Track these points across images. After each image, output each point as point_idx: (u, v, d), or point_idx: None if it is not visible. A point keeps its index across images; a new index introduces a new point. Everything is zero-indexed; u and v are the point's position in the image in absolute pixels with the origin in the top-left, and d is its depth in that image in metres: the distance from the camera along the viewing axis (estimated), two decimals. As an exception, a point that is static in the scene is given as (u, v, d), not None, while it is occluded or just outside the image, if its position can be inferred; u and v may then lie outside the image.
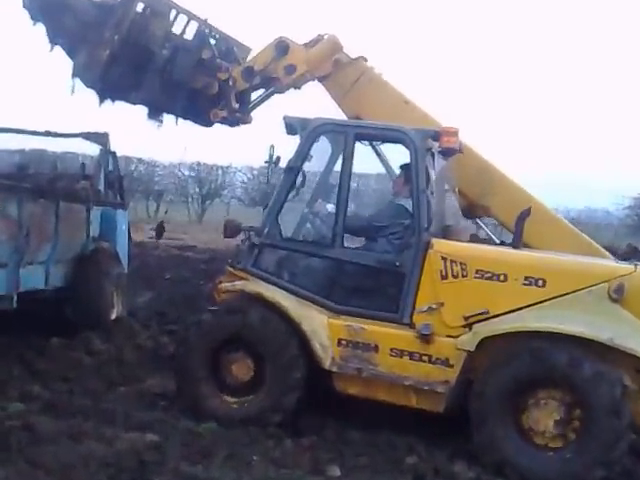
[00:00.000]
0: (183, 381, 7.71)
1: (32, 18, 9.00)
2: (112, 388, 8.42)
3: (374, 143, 8.62)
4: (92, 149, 12.64)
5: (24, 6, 8.97)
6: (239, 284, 7.78)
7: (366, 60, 9.26)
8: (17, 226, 8.76)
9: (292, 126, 7.92)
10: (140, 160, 35.34)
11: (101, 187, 11.88)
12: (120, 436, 6.74)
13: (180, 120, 9.99)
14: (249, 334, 7.51)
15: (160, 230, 17.55)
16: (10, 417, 6.95)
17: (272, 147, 7.96)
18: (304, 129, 7.81)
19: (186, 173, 38.23)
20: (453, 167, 8.36)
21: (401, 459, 6.93)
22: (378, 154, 8.82)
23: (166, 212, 28.55)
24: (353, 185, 8.12)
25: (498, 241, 8.76)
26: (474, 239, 8.25)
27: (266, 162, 8.00)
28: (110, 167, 12.21)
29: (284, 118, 7.95)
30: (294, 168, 7.80)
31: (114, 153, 12.36)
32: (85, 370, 9.02)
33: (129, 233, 12.51)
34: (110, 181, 12.16)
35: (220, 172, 38.12)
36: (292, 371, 7.39)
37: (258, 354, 7.52)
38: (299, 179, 7.87)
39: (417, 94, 9.10)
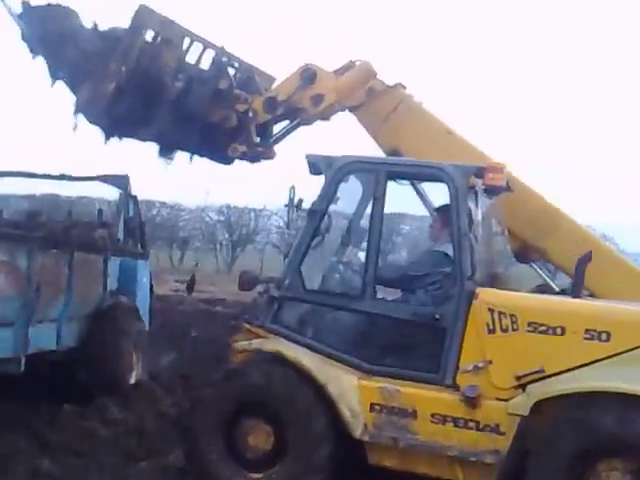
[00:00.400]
0: (199, 466, 7.05)
1: (32, 51, 8.58)
2: (131, 463, 7.75)
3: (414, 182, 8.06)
4: (110, 193, 12.24)
5: (23, 39, 8.55)
6: (256, 342, 7.14)
7: (404, 87, 8.67)
8: (26, 280, 8.15)
9: (316, 165, 7.29)
10: (163, 204, 33.71)
11: (120, 235, 11.32)
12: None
13: (196, 158, 9.51)
14: (254, 396, 6.94)
15: (192, 284, 17.00)
16: (17, 498, 6.59)
17: (292, 189, 7.31)
18: (329, 168, 7.18)
19: (214, 217, 35.86)
20: (502, 206, 7.74)
21: None
22: (420, 194, 8.18)
23: (197, 264, 27.62)
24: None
25: (557, 289, 8.13)
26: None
27: (285, 206, 7.35)
28: (130, 213, 11.64)
29: (307, 157, 7.34)
30: (318, 212, 7.15)
31: (135, 197, 11.77)
32: (101, 442, 8.37)
33: (151, 286, 11.88)
34: (130, 228, 11.59)
35: (252, 215, 35.78)
36: (313, 420, 6.72)
37: (272, 415, 6.88)
38: (324, 224, 7.23)
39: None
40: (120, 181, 11.37)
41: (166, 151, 9.41)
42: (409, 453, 6.71)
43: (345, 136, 9.13)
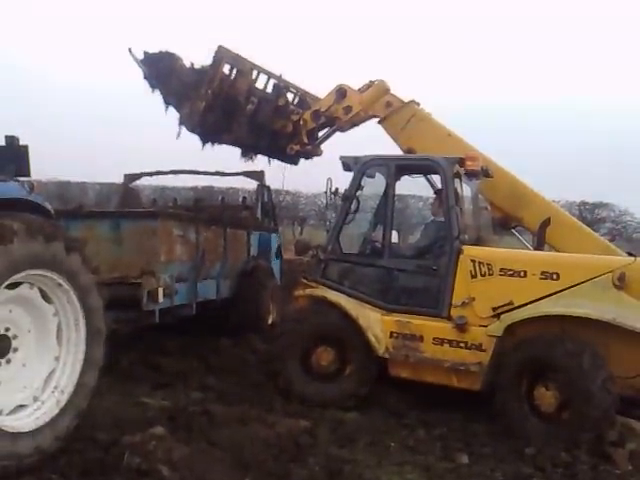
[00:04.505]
0: (284, 382, 8.88)
1: (151, 86, 11.11)
2: (271, 381, 9.18)
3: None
4: (251, 184, 14.91)
5: (144, 77, 11.06)
6: (308, 291, 9.17)
7: (417, 103, 10.79)
8: (195, 248, 10.48)
9: (347, 164, 9.31)
10: (287, 192, 40.43)
11: (259, 215, 13.98)
12: (279, 421, 7.47)
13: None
14: (324, 331, 8.88)
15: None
16: (192, 404, 7.98)
17: (329, 180, 9.36)
18: (355, 165, 9.17)
19: (324, 202, 40.36)
20: (486, 187, 9.62)
21: (521, 450, 7.38)
22: (429, 181, 9.93)
23: None
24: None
25: (532, 248, 9.75)
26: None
27: (325, 192, 9.41)
28: (265, 199, 14.36)
29: (340, 158, 9.36)
30: (349, 197, 9.19)
31: (268, 187, 14.42)
32: (249, 365, 10.30)
33: (280, 252, 14.52)
34: (265, 210, 14.28)
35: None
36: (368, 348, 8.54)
37: (337, 344, 8.80)
38: (353, 206, 9.25)
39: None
40: (257, 175, 13.95)
41: (245, 153, 11.92)
42: (418, 366, 8.54)
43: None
